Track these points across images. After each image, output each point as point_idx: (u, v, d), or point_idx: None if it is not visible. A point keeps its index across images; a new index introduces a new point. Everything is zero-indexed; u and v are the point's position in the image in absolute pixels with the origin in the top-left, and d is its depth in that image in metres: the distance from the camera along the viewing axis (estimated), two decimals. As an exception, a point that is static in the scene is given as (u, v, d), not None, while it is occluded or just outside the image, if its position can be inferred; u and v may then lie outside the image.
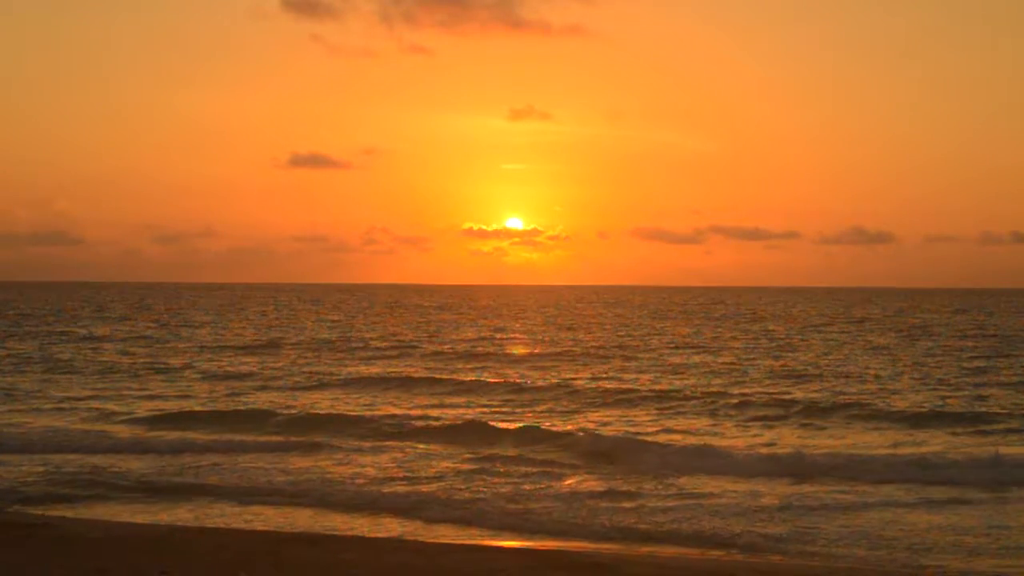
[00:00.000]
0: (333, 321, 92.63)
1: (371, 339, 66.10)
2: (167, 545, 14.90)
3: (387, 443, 26.54)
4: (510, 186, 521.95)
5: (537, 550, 15.74)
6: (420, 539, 16.48)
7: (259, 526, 17.52)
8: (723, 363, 49.44)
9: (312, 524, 17.79)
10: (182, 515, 18.43)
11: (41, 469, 22.22)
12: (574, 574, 13.71)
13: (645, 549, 16.16)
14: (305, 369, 45.87)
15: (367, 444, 26.32)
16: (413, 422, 29.82)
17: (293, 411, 31.86)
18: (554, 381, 40.79)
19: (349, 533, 17.07)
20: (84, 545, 14.67)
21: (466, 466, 23.07)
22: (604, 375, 44.07)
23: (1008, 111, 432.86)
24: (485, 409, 33.23)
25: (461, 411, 32.59)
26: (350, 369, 46.03)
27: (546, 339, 68.53)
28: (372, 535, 16.91)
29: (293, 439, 26.79)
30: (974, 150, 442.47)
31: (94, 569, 13.25)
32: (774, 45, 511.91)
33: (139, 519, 17.93)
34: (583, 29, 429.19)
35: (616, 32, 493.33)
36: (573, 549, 15.91)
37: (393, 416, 31.10)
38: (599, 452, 24.98)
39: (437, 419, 30.49)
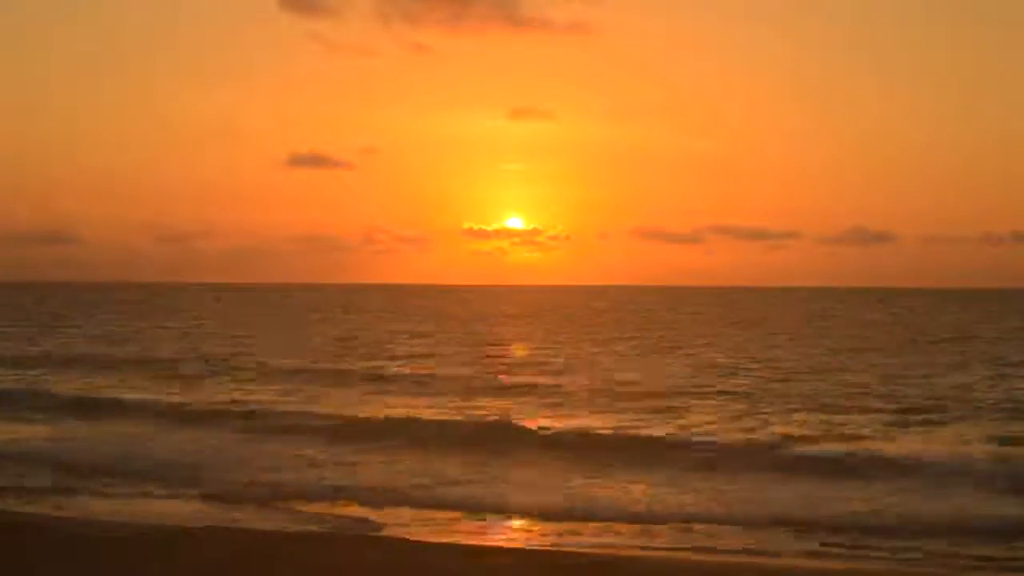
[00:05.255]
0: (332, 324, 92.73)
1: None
2: (166, 544, 14.89)
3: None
4: (510, 186, 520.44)
5: (537, 550, 15.75)
6: (421, 539, 16.46)
7: (258, 525, 17.50)
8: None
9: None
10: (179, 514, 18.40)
11: None
12: (574, 574, 13.70)
13: (643, 550, 16.16)
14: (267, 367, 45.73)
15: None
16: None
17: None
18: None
19: (349, 533, 17.07)
20: (83, 545, 14.65)
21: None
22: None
23: (1008, 111, 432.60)
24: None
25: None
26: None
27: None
28: (372, 534, 16.91)
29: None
30: (974, 150, 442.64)
31: (93, 569, 13.24)
32: (774, 45, 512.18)
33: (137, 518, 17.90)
34: (585, 27, 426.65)
35: (618, 31, 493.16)
36: (573, 549, 15.91)
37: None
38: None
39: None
